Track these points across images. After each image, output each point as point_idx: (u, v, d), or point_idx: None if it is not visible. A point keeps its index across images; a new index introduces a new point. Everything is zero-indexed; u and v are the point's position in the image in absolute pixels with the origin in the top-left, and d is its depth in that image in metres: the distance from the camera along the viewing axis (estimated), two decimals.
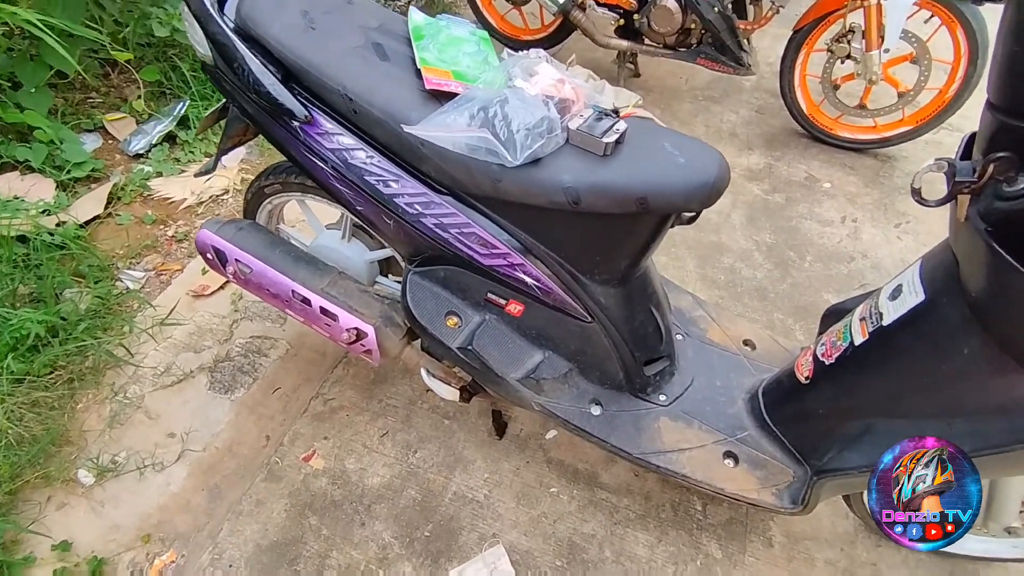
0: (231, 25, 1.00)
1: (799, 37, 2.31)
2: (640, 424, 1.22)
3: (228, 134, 1.23)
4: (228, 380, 1.64)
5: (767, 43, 3.00)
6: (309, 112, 0.98)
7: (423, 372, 1.30)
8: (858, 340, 1.03)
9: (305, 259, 1.32)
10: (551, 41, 2.83)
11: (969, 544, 1.30)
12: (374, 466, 1.50)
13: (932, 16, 2.08)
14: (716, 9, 2.28)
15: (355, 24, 1.04)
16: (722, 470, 1.18)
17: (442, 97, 0.94)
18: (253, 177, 1.42)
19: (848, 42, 2.22)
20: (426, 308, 1.12)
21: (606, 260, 1.05)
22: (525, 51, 1.23)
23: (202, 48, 1.04)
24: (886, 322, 0.98)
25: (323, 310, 1.25)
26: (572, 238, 1.02)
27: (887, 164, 2.43)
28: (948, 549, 1.29)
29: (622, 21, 2.51)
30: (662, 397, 1.26)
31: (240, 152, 2.26)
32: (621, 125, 0.95)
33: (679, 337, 1.36)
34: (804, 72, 2.40)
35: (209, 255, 1.30)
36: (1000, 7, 0.73)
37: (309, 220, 1.45)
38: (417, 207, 1.00)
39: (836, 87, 2.38)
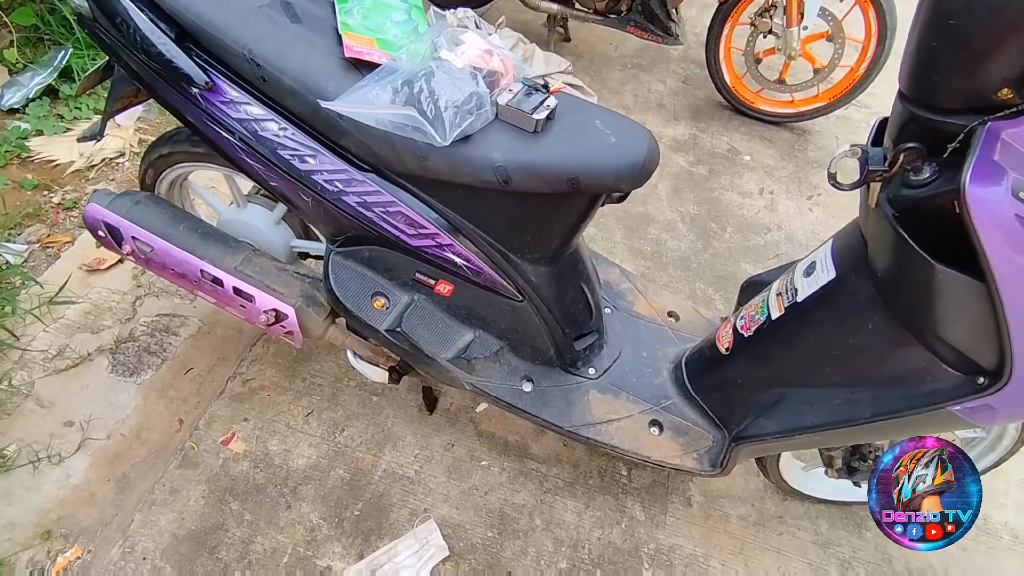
0: None
1: (725, 9, 2.34)
2: (571, 398, 1.23)
3: (115, 96, 1.10)
4: (133, 362, 1.52)
5: (694, 13, 3.02)
6: (210, 78, 0.88)
7: (349, 354, 1.25)
8: (775, 314, 1.08)
9: (214, 235, 1.21)
10: (480, 0, 2.72)
11: (864, 490, 1.43)
12: (299, 447, 1.45)
13: None
14: None
15: None
16: (648, 438, 1.23)
17: (363, 67, 0.87)
18: (152, 140, 1.29)
19: (770, 17, 2.27)
20: (351, 290, 1.07)
21: (537, 239, 1.04)
22: (452, 10, 1.17)
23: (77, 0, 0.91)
24: (800, 298, 1.03)
25: (237, 291, 1.17)
26: (502, 217, 0.99)
27: (802, 138, 2.54)
28: (854, 499, 1.44)
29: None
30: (591, 371, 1.28)
31: (137, 110, 2.04)
32: (552, 101, 0.92)
33: (607, 310, 1.38)
34: (729, 45, 2.44)
35: (101, 232, 1.17)
36: None
37: (208, 199, 1.33)
38: (338, 184, 0.94)
39: (758, 61, 2.44)
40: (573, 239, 1.09)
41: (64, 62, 1.98)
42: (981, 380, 0.83)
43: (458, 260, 1.02)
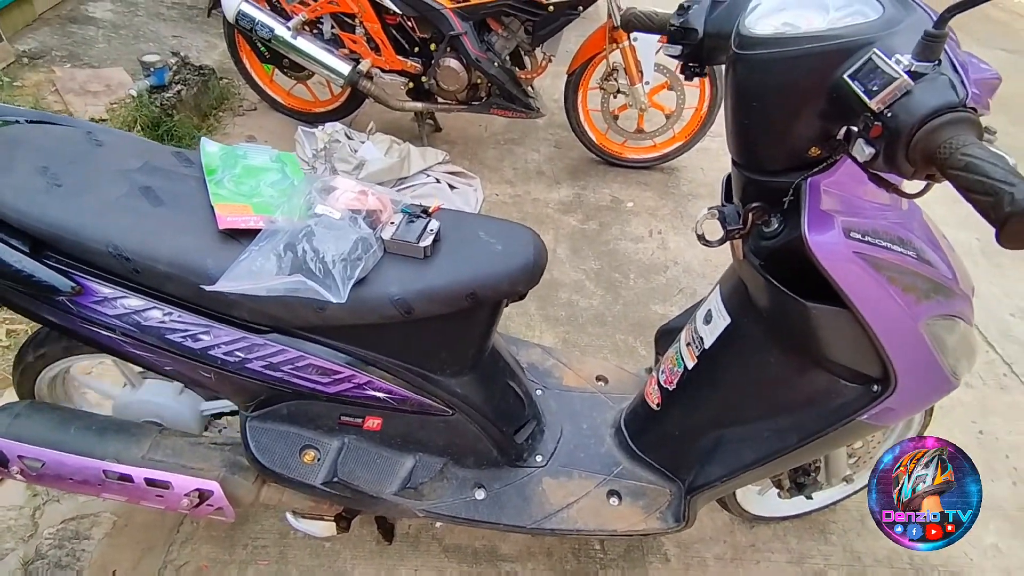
0: None
1: (574, 79, 2.55)
2: (525, 493, 1.22)
3: None
4: None
5: (549, 82, 3.26)
6: (76, 282, 0.84)
7: (288, 517, 1.17)
8: (689, 364, 1.14)
9: (112, 427, 1.12)
10: (345, 111, 2.79)
11: (818, 498, 1.49)
12: None
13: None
14: (496, 64, 2.42)
15: (112, 169, 0.92)
16: (610, 511, 1.23)
17: (241, 236, 0.87)
18: (22, 342, 1.20)
19: (615, 79, 2.50)
20: (276, 452, 1.02)
21: (451, 354, 1.05)
22: (321, 127, 1.18)
23: None
24: (707, 345, 1.09)
25: (150, 481, 1.08)
26: (412, 343, 0.99)
27: (672, 175, 2.76)
28: (811, 507, 1.49)
29: (412, 84, 2.56)
30: (538, 458, 1.28)
31: None
32: (434, 224, 0.95)
33: (538, 392, 1.40)
34: (586, 108, 2.65)
35: None
36: None
37: (96, 386, 1.25)
38: (238, 354, 0.91)
39: (616, 117, 2.66)
40: (486, 345, 1.10)
41: None
42: (875, 388, 0.91)
43: (380, 394, 1.00)
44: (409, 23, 2.42)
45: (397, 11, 2.34)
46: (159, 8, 3.49)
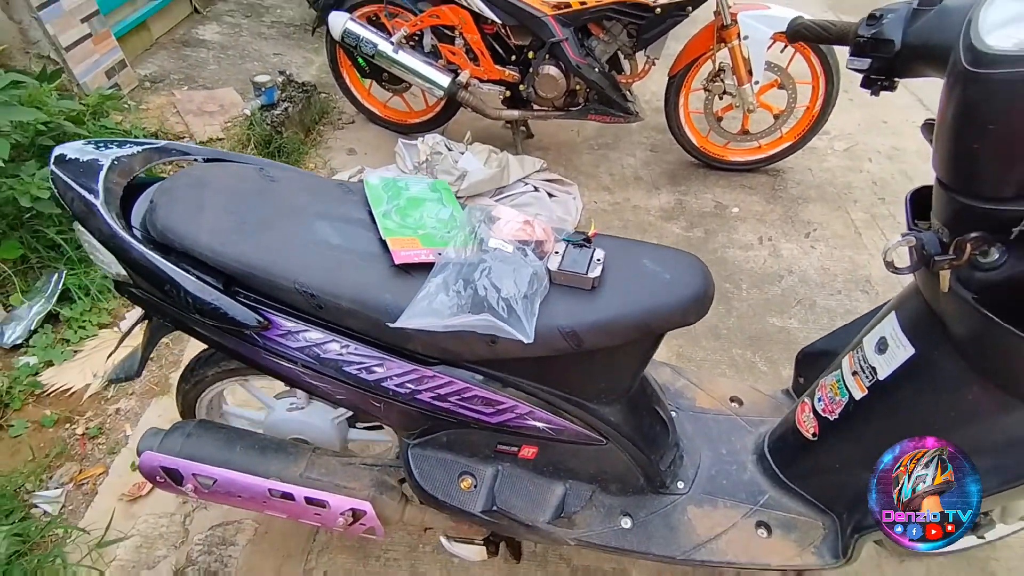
0: (145, 239, 0.88)
1: (676, 81, 2.47)
2: (671, 522, 1.18)
3: (154, 340, 1.09)
4: None
5: (641, 84, 3.18)
6: (264, 316, 0.87)
7: (443, 540, 1.19)
8: (858, 395, 1.06)
9: (272, 447, 1.17)
10: (439, 121, 2.83)
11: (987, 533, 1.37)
12: None
13: (786, 46, 2.30)
14: (596, 69, 2.38)
15: (289, 206, 0.95)
16: (760, 544, 1.17)
17: (413, 269, 0.88)
18: (184, 367, 1.27)
19: (721, 80, 2.40)
20: (437, 479, 1.03)
21: (610, 384, 1.02)
22: (421, 137, 1.16)
23: (113, 269, 0.91)
24: (881, 376, 1.01)
25: (309, 500, 1.12)
26: (575, 374, 0.98)
27: (779, 178, 2.63)
28: (972, 544, 1.37)
29: (508, 92, 2.55)
30: (680, 484, 1.24)
31: (135, 313, 2.02)
32: (599, 253, 0.93)
33: (674, 414, 1.35)
34: (687, 110, 2.56)
35: (160, 478, 1.12)
36: None
37: (258, 398, 1.30)
38: (409, 386, 0.92)
39: (719, 119, 2.55)
40: (641, 374, 1.07)
41: (60, 286, 1.97)
42: None
43: (540, 424, 0.99)
44: (507, 32, 2.41)
45: (497, 20, 2.34)
46: (260, 28, 3.65)
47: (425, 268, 0.88)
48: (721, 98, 2.46)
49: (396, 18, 2.52)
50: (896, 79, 0.88)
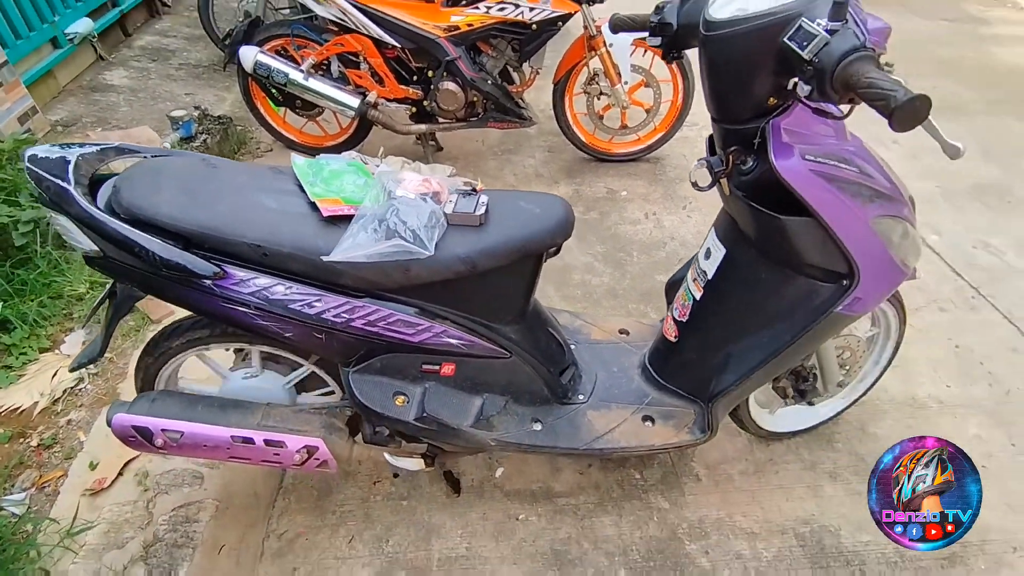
0: (111, 215, 1.07)
1: (559, 87, 2.83)
2: (575, 423, 1.45)
3: (117, 316, 1.25)
4: (167, 561, 1.54)
5: (536, 95, 3.55)
6: (220, 268, 1.08)
7: (386, 455, 1.40)
8: (697, 295, 1.39)
9: (230, 404, 1.35)
10: (354, 141, 3.06)
11: (822, 411, 1.73)
12: (354, 571, 1.53)
13: (647, 50, 2.71)
14: (489, 82, 2.71)
15: (230, 184, 1.17)
16: (646, 431, 1.46)
17: (339, 221, 1.11)
18: (140, 351, 1.43)
19: (597, 83, 2.78)
20: (375, 397, 1.25)
21: (507, 304, 1.29)
22: (345, 155, 1.40)
23: (85, 244, 1.09)
24: (710, 276, 1.34)
25: (267, 442, 1.31)
26: (476, 296, 1.24)
27: (658, 164, 3.04)
28: (817, 421, 1.72)
29: (414, 109, 2.84)
30: (580, 396, 1.51)
31: (79, 335, 2.11)
32: (484, 198, 1.20)
33: (573, 347, 1.63)
34: (573, 112, 2.93)
35: (132, 438, 1.28)
36: None
37: (213, 369, 1.47)
38: (344, 315, 1.15)
39: (601, 117, 2.94)
40: (531, 296, 1.35)
41: None
42: (844, 282, 1.16)
43: (454, 341, 1.24)
44: (407, 55, 2.70)
45: (396, 44, 2.62)
46: (168, 70, 3.78)
47: (348, 219, 1.12)
48: (599, 99, 2.84)
49: (304, 49, 2.75)
50: (680, 50, 1.22)
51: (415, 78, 2.78)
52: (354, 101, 2.70)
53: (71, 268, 2.25)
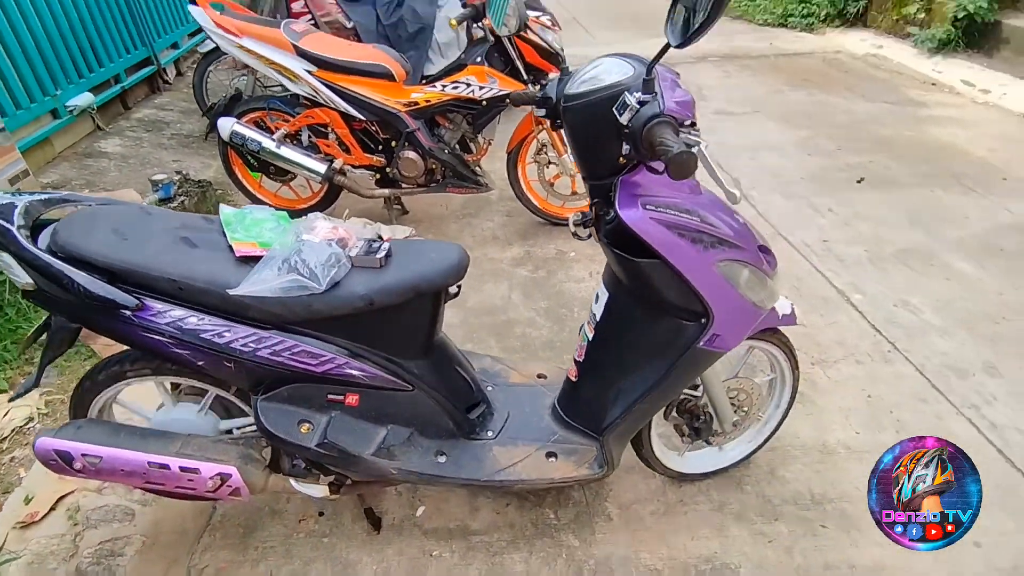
0: (50, 253, 1.22)
1: (512, 157, 3.08)
2: (479, 457, 1.54)
3: (52, 346, 1.38)
4: None
5: (499, 165, 3.81)
6: (139, 300, 1.22)
7: (292, 482, 1.48)
8: (591, 336, 1.51)
9: (152, 433, 1.45)
10: (324, 204, 3.27)
11: (730, 454, 1.81)
12: None
13: None
14: (447, 151, 2.95)
15: (160, 228, 1.33)
16: (548, 466, 1.55)
17: (251, 261, 1.26)
18: (73, 387, 1.54)
19: (545, 153, 3.03)
20: (280, 424, 1.35)
21: (408, 339, 1.42)
22: (303, 217, 1.60)
23: (22, 278, 1.23)
24: (599, 318, 1.48)
25: (183, 468, 1.39)
26: (377, 331, 1.36)
27: None
28: (726, 463, 1.80)
29: (378, 175, 3.07)
30: (489, 433, 1.61)
31: (34, 391, 2.21)
32: (386, 245, 1.36)
33: (489, 388, 1.74)
34: (527, 180, 3.16)
35: (53, 461, 1.37)
36: None
37: (135, 411, 1.57)
38: (251, 345, 1.27)
39: (552, 184, 3.16)
40: (435, 333, 1.47)
41: None
42: (703, 320, 1.30)
43: (356, 373, 1.36)
44: (372, 127, 2.96)
45: (362, 118, 2.88)
46: (161, 140, 4.07)
47: (258, 260, 1.27)
48: (548, 167, 3.08)
49: (278, 120, 3.02)
50: (561, 120, 1.42)
51: (379, 147, 3.03)
52: (321, 167, 2.93)
53: (38, 316, 2.38)
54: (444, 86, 2.83)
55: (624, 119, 1.04)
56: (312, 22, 3.75)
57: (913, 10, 6.05)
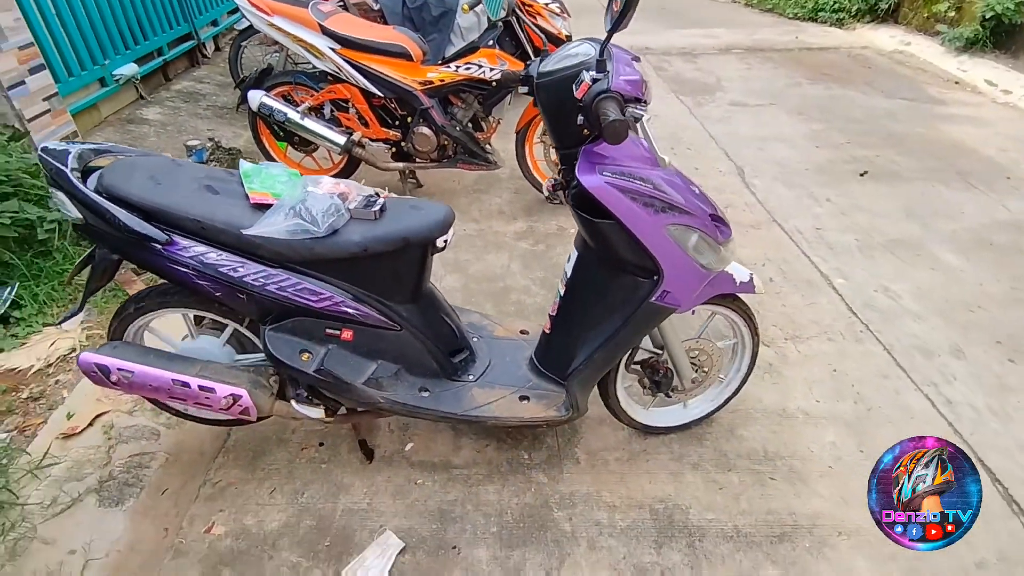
0: (96, 193, 1.45)
1: (520, 137, 3.24)
2: (458, 395, 1.73)
3: (95, 277, 1.61)
4: (116, 495, 1.84)
5: (507, 143, 3.98)
6: (168, 236, 1.44)
7: (293, 403, 1.70)
8: (563, 292, 1.69)
9: (176, 356, 1.68)
10: (344, 175, 3.49)
11: (693, 412, 1.98)
12: (270, 515, 1.80)
13: None
14: (458, 128, 3.13)
15: (188, 177, 1.54)
16: (520, 407, 1.73)
17: (263, 208, 1.47)
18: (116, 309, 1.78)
19: None
20: (284, 351, 1.56)
21: (398, 285, 1.61)
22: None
23: (73, 213, 1.46)
24: (569, 275, 1.65)
25: (201, 387, 1.62)
26: (370, 275, 1.56)
27: None
28: (688, 419, 1.97)
29: (394, 148, 3.27)
30: (470, 376, 1.80)
31: (79, 316, 2.48)
32: (382, 201, 1.55)
33: (475, 340, 1.93)
34: (533, 159, 3.32)
35: (93, 372, 1.60)
36: None
37: (164, 340, 1.81)
38: (261, 280, 1.48)
39: (556, 163, 3.32)
40: (423, 281, 1.66)
41: (12, 296, 2.43)
42: (655, 277, 1.46)
43: (351, 311, 1.56)
44: (390, 103, 3.16)
45: (380, 94, 3.08)
46: (197, 110, 4.34)
47: (270, 207, 1.47)
48: (552, 147, 3.23)
49: (303, 94, 3.23)
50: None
51: (396, 123, 3.23)
52: (341, 139, 3.14)
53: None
54: (457, 67, 3.00)
55: (578, 94, 1.21)
56: (340, 3, 3.96)
57: (944, 8, 5.99)
